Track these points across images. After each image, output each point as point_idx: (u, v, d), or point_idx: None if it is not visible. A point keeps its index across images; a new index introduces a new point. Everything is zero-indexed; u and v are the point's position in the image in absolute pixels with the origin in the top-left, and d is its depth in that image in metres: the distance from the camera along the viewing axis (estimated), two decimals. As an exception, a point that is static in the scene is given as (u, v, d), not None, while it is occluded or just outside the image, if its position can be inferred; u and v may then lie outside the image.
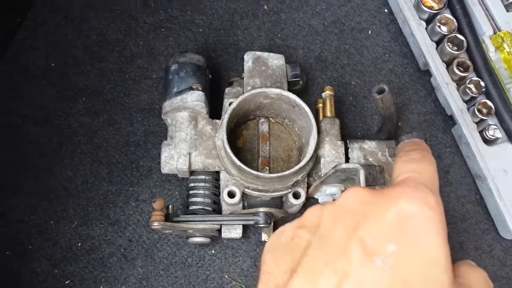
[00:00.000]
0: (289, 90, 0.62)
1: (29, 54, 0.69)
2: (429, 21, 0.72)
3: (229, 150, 0.56)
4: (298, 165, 0.57)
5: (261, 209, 0.58)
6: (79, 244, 0.62)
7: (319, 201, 0.64)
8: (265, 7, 0.75)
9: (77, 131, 0.67)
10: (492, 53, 0.71)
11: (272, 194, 0.58)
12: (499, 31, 0.72)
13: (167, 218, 0.56)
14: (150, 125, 0.68)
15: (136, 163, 0.66)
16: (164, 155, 0.58)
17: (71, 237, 0.63)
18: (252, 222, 0.58)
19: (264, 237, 0.61)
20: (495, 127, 0.67)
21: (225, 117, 0.57)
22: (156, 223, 0.54)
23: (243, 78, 0.65)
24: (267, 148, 0.63)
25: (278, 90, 0.60)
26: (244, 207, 0.61)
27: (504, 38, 0.71)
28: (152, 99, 0.69)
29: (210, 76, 0.64)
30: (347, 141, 0.63)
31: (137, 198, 0.65)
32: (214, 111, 0.63)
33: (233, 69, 0.72)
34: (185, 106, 0.59)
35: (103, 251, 0.62)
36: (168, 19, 0.73)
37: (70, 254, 0.62)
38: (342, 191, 0.61)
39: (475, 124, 0.68)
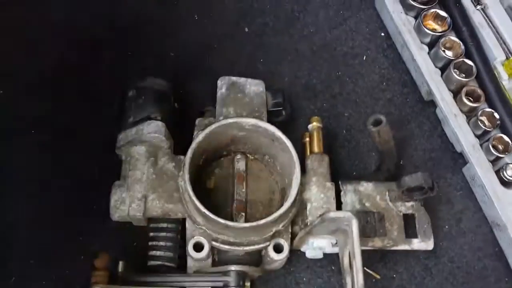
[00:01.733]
0: (270, 121, 0.52)
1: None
2: (432, 45, 0.64)
3: (191, 192, 0.45)
4: (277, 211, 0.46)
5: (232, 267, 0.47)
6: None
7: (307, 255, 0.53)
8: (246, 30, 0.67)
9: (21, 167, 0.57)
10: (505, 81, 0.63)
11: (246, 248, 0.47)
12: (513, 56, 0.63)
13: (116, 278, 0.45)
14: (107, 161, 0.57)
15: (88, 207, 0.56)
16: (114, 198, 0.48)
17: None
18: (220, 284, 0.47)
19: (237, 301, 0.50)
20: (513, 166, 0.58)
21: (189, 152, 0.47)
22: (98, 287, 0.43)
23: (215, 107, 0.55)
24: (244, 190, 0.53)
25: (254, 121, 0.50)
26: (214, 263, 0.50)
27: (520, 64, 0.62)
28: (112, 131, 0.59)
29: (176, 105, 0.55)
30: (339, 183, 0.54)
31: (88, 249, 0.53)
32: (183, 147, 0.53)
33: (208, 98, 0.62)
34: (141, 139, 0.50)
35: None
36: (136, 43, 0.64)
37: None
38: (334, 245, 0.50)
39: (490, 163, 0.59)
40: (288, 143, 0.49)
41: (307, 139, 0.56)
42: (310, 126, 0.56)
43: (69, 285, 0.53)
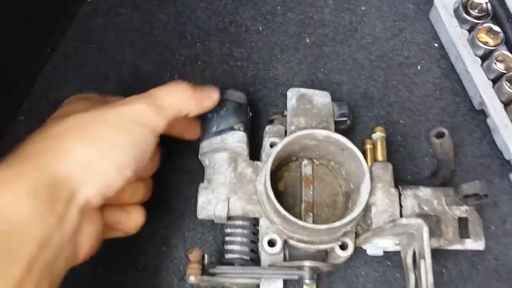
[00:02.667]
0: (335, 130, 0.57)
1: (59, 86, 0.66)
2: (484, 57, 0.67)
3: (273, 198, 0.51)
4: (349, 215, 0.51)
5: (307, 263, 0.52)
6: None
7: (368, 252, 0.59)
8: (307, 40, 0.71)
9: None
10: (554, 93, 0.66)
11: (319, 246, 0.53)
12: (562, 69, 0.66)
13: (203, 269, 0.51)
14: (184, 163, 0.63)
15: (168, 204, 0.62)
16: (201, 199, 0.54)
17: (97, 285, 0.58)
18: (296, 277, 0.53)
19: (306, 292, 0.56)
20: (560, 174, 0.62)
21: (269, 160, 0.53)
22: (192, 278, 0.49)
23: (284, 116, 0.60)
24: (311, 192, 0.58)
25: (326, 132, 0.55)
26: (285, 258, 0.56)
27: None
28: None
29: (250, 114, 0.60)
30: (399, 188, 0.58)
31: (169, 242, 0.60)
32: (252, 150, 0.58)
33: (273, 105, 0.68)
34: (225, 147, 0.55)
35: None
36: (205, 52, 0.69)
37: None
38: (397, 245, 0.55)
39: (537, 171, 0.62)
40: (359, 154, 0.54)
41: (369, 145, 0.60)
42: (374, 136, 0.60)
43: (152, 272, 0.59)
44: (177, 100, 0.49)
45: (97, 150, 0.42)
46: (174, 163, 0.63)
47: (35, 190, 0.38)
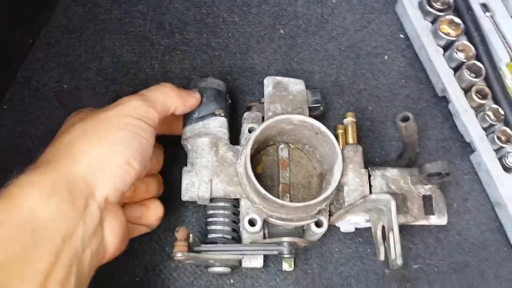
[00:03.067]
0: (309, 116, 0.61)
1: (41, 75, 0.68)
2: (446, 47, 0.73)
3: (253, 179, 0.54)
4: (324, 194, 0.55)
5: (285, 239, 0.56)
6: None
7: (341, 229, 0.63)
8: (282, 31, 0.75)
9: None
10: (509, 81, 0.71)
11: (296, 223, 0.57)
12: (516, 58, 0.72)
13: (189, 247, 0.54)
14: (165, 149, 0.66)
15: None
16: (185, 182, 0.57)
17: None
18: (275, 252, 0.56)
19: (285, 266, 0.60)
20: (514, 154, 0.67)
21: (249, 143, 0.56)
22: (179, 254, 0.52)
23: (261, 103, 0.64)
24: (288, 174, 0.62)
25: (302, 117, 0.59)
26: (264, 236, 0.59)
27: (521, 66, 0.71)
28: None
29: (230, 101, 0.63)
30: (369, 168, 0.62)
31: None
32: (231, 136, 0.61)
33: (249, 93, 0.71)
34: (207, 132, 0.58)
35: (118, 281, 0.60)
36: (184, 42, 0.72)
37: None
38: (367, 221, 0.60)
39: (494, 152, 0.68)
40: (332, 137, 0.57)
41: (340, 130, 0.64)
42: (345, 120, 0.64)
43: (138, 254, 0.61)
44: (166, 97, 0.54)
45: (104, 148, 0.46)
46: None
47: (56, 190, 0.41)
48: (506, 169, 0.67)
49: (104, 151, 0.46)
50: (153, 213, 0.56)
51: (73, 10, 0.71)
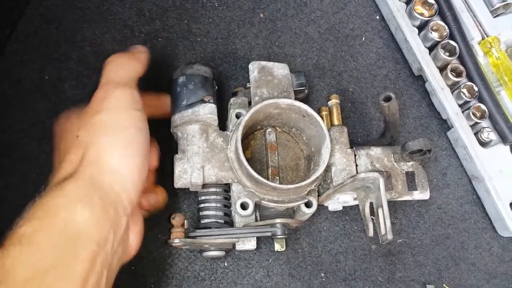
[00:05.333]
0: (294, 99, 0.62)
1: (22, 67, 0.66)
2: (421, 27, 0.75)
3: (245, 162, 0.55)
4: (313, 175, 0.57)
5: (278, 220, 0.58)
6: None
7: (329, 208, 0.65)
8: (261, 15, 0.75)
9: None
10: (481, 58, 0.74)
11: (288, 204, 0.58)
12: (487, 36, 0.75)
13: (185, 233, 0.55)
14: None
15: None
16: (178, 169, 0.57)
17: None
18: (269, 234, 0.58)
19: (277, 247, 0.61)
20: (489, 129, 0.70)
21: (239, 128, 0.57)
22: (177, 240, 0.53)
23: (247, 88, 0.64)
24: (276, 157, 0.63)
25: (289, 101, 0.60)
26: (256, 219, 0.61)
27: (492, 44, 0.74)
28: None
29: (216, 87, 0.63)
30: (353, 148, 0.64)
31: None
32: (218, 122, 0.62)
33: (233, 79, 0.72)
34: (197, 119, 0.59)
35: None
36: (164, 28, 0.72)
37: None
38: (355, 199, 0.62)
39: (470, 127, 0.71)
40: (319, 119, 0.59)
41: (325, 112, 0.66)
42: (330, 103, 0.66)
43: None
44: (125, 68, 0.54)
45: (120, 155, 0.47)
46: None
47: (89, 200, 0.43)
48: (482, 143, 0.70)
49: (119, 157, 0.47)
50: (162, 197, 0.58)
51: (50, -1, 0.70)
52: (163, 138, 0.62)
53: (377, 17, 0.79)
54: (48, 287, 0.38)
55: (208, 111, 0.59)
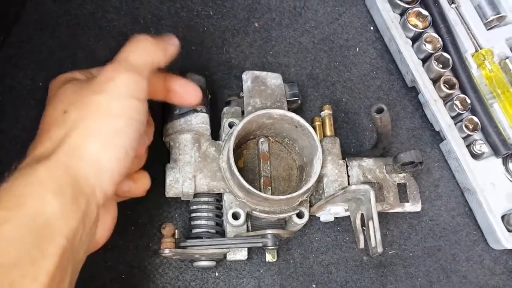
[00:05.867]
0: (288, 109, 0.62)
1: (15, 73, 0.66)
2: (415, 39, 0.75)
3: (237, 173, 0.55)
4: (305, 186, 0.57)
5: (269, 231, 0.58)
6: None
7: (321, 219, 0.65)
8: (256, 25, 0.75)
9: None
10: (474, 70, 0.75)
11: (279, 215, 0.58)
12: (480, 48, 0.75)
13: (175, 244, 0.55)
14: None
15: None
16: (169, 178, 0.57)
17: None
18: (260, 245, 0.58)
19: (268, 257, 0.61)
20: (481, 142, 0.70)
21: (231, 138, 0.57)
22: (167, 251, 0.53)
23: (240, 97, 0.64)
24: (268, 168, 0.63)
25: (282, 111, 0.60)
26: (248, 229, 0.61)
27: (486, 56, 0.74)
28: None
29: (210, 96, 0.63)
30: (346, 159, 0.64)
31: (136, 222, 0.63)
32: (211, 132, 0.62)
33: (227, 88, 0.71)
34: (189, 129, 0.59)
35: (103, 278, 0.60)
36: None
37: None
38: (346, 210, 0.62)
39: (462, 140, 0.71)
40: (311, 130, 0.59)
41: (318, 123, 0.66)
42: (322, 113, 0.66)
43: (122, 251, 0.61)
44: (148, 55, 0.50)
45: (104, 144, 0.44)
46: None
47: (61, 190, 0.41)
48: (474, 156, 0.70)
49: (103, 147, 0.44)
50: (141, 186, 0.55)
51: (44, 5, 0.69)
52: (156, 146, 0.62)
53: (371, 28, 0.79)
54: (12, 286, 0.35)
55: (200, 120, 0.59)
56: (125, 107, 0.46)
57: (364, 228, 0.59)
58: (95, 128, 0.44)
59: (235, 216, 0.58)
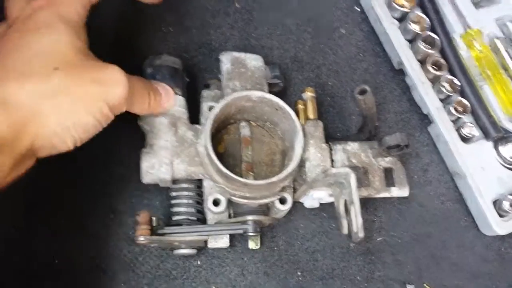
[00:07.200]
0: (270, 92, 0.60)
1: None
2: (401, 19, 0.73)
3: (214, 157, 0.53)
4: (285, 170, 0.55)
5: (250, 217, 0.55)
6: (56, 261, 0.58)
7: (305, 205, 0.63)
8: (237, 5, 0.73)
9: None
10: (463, 51, 0.72)
11: (259, 201, 0.56)
12: (470, 29, 0.73)
13: (152, 231, 0.53)
14: (123, 130, 0.63)
15: (111, 172, 0.62)
16: (145, 164, 0.55)
17: (45, 252, 0.58)
18: (241, 231, 0.56)
19: (251, 245, 0.59)
20: (471, 125, 0.68)
21: (208, 122, 0.55)
22: (142, 238, 0.50)
23: (220, 80, 0.62)
24: (250, 153, 0.61)
25: (260, 93, 0.57)
26: (229, 215, 0.58)
27: (475, 36, 0.72)
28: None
29: (187, 79, 0.61)
30: (329, 143, 0.62)
31: (116, 209, 0.61)
32: (190, 115, 0.60)
33: (207, 70, 0.69)
34: (165, 112, 0.56)
35: (81, 268, 0.58)
36: (137, 18, 0.69)
37: (46, 270, 0.57)
38: (330, 195, 0.60)
39: (451, 122, 0.69)
40: (291, 112, 0.57)
41: (301, 106, 0.64)
42: (304, 96, 0.63)
43: (101, 239, 0.59)
44: None
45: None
46: (113, 131, 0.63)
47: None
48: (463, 139, 0.68)
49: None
50: None
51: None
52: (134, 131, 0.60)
53: (357, 9, 0.77)
54: None
55: (176, 103, 0.56)
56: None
57: (347, 213, 0.57)
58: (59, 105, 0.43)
59: (216, 203, 0.56)
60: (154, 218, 0.54)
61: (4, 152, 0.41)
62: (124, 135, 0.62)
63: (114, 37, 0.68)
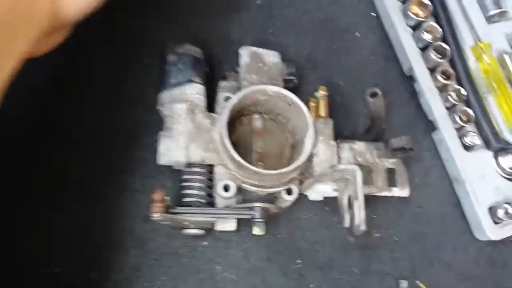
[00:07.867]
0: (284, 88, 0.63)
1: None
2: (415, 27, 0.75)
3: (229, 145, 0.56)
4: (295, 163, 0.58)
5: (257, 204, 0.58)
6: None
7: (310, 198, 0.66)
8: (258, 1, 0.76)
9: (65, 120, 0.65)
10: (472, 63, 0.75)
11: (269, 190, 0.59)
12: (480, 42, 0.76)
13: (165, 209, 0.56)
14: (141, 114, 0.66)
15: (127, 153, 0.65)
16: (162, 146, 0.58)
17: (65, 226, 0.61)
18: (248, 217, 0.59)
19: (256, 231, 0.62)
20: (473, 134, 0.71)
21: (225, 111, 0.58)
22: (157, 214, 0.53)
23: (236, 72, 0.65)
24: (261, 144, 0.64)
25: (277, 88, 0.60)
26: (237, 202, 0.61)
27: (484, 49, 0.75)
28: (140, 87, 0.68)
29: (207, 69, 0.64)
30: (337, 141, 0.65)
31: (131, 188, 0.64)
32: (208, 105, 0.63)
33: (226, 62, 0.72)
34: (185, 99, 0.59)
35: (96, 240, 0.61)
36: (160, 9, 0.72)
37: (64, 242, 0.61)
38: (334, 190, 0.63)
39: (455, 130, 0.72)
40: (304, 108, 0.60)
41: (313, 104, 0.67)
42: (317, 94, 0.66)
43: (116, 215, 0.63)
44: None
45: None
46: (130, 115, 0.66)
47: None
48: (465, 147, 0.71)
49: None
50: None
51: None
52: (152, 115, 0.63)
53: (372, 14, 0.79)
54: None
55: (195, 91, 0.59)
56: None
57: (350, 208, 0.60)
58: None
59: (226, 188, 0.59)
60: (167, 198, 0.57)
61: (26, 20, 0.39)
62: (142, 120, 0.65)
63: (140, 25, 0.71)
